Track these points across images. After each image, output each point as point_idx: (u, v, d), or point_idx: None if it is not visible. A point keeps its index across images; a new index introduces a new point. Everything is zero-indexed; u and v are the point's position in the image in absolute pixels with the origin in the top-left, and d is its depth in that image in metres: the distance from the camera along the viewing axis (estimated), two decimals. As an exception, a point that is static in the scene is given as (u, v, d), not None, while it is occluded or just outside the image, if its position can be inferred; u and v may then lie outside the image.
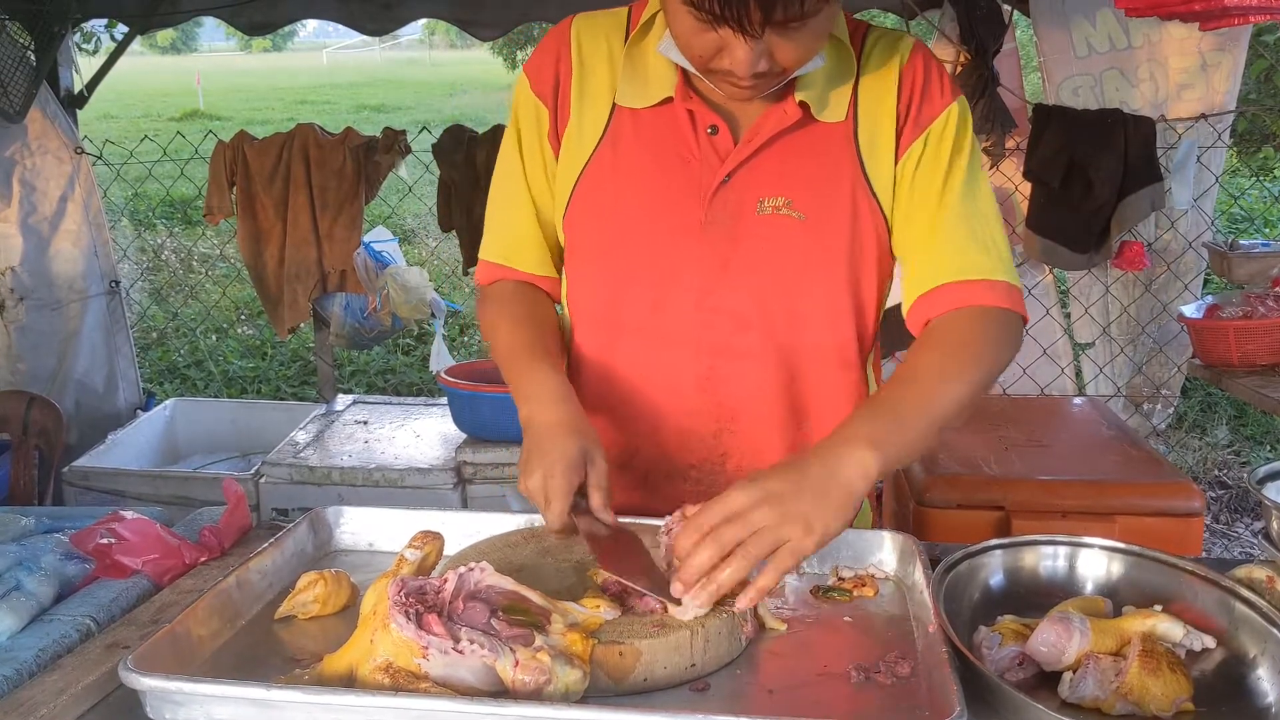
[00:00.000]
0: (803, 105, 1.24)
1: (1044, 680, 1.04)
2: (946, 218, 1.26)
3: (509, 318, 1.35)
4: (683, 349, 1.31)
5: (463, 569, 1.01)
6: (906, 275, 1.31)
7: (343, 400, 3.67)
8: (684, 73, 1.25)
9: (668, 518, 1.12)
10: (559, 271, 1.41)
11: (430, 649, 0.92)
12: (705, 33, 1.10)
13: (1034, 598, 1.17)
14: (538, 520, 1.29)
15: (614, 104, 1.30)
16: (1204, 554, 3.14)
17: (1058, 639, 1.02)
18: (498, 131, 3.55)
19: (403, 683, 0.91)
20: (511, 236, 1.38)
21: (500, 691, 0.92)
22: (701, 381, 1.32)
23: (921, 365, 1.20)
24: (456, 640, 0.93)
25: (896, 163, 1.27)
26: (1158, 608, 1.11)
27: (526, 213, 1.36)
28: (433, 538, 1.12)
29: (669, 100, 1.27)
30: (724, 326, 1.30)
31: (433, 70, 28.87)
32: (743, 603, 1.02)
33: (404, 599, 0.96)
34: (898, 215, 1.29)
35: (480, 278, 1.42)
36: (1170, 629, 1.06)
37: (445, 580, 1.00)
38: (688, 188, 1.27)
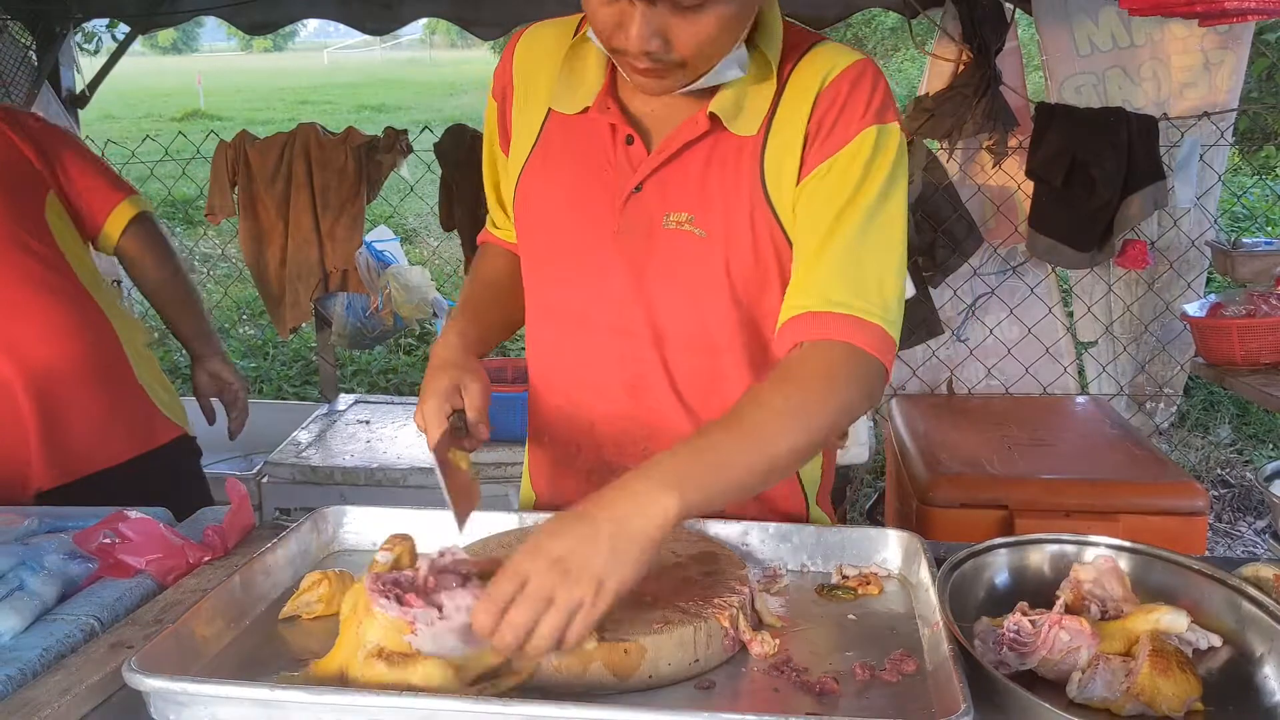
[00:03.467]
0: (713, 117, 1.20)
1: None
2: (836, 245, 1.17)
3: (469, 274, 1.51)
4: (609, 358, 1.31)
5: (433, 555, 1.03)
6: (786, 294, 1.22)
7: (345, 400, 3.66)
8: (610, 79, 1.24)
9: None
10: None
11: (417, 623, 0.94)
12: (609, 4, 1.09)
13: (1039, 597, 1.16)
14: (529, 520, 1.34)
15: (549, 109, 1.30)
16: (1207, 553, 3.13)
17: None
18: (499, 131, 3.53)
19: (398, 664, 0.93)
20: (494, 207, 1.48)
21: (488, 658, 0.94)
22: (629, 390, 1.31)
23: (764, 403, 1.10)
24: (440, 608, 0.95)
25: (798, 183, 1.20)
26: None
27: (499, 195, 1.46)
28: (402, 539, 1.13)
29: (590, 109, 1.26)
30: (643, 338, 1.29)
31: (433, 70, 28.85)
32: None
33: (382, 586, 0.98)
34: (795, 235, 1.22)
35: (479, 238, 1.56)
36: (1174, 620, 1.05)
37: (418, 568, 1.02)
38: (604, 196, 1.26)
